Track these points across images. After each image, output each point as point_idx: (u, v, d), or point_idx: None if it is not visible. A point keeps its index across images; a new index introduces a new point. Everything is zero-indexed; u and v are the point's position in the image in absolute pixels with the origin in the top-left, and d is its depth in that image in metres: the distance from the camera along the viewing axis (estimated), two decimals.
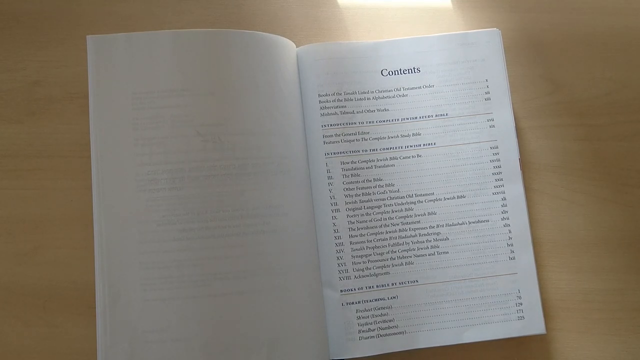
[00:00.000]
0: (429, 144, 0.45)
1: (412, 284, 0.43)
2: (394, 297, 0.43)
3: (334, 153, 0.44)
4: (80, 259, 0.43)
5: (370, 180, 0.44)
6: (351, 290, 0.43)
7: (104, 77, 0.42)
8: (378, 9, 0.49)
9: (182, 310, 0.39)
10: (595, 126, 0.47)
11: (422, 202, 0.44)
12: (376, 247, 0.43)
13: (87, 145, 0.42)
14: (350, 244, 0.43)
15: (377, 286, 0.43)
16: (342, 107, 0.45)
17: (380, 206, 0.44)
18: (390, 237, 0.43)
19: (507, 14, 0.49)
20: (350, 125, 0.45)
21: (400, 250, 0.43)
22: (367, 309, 0.42)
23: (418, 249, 0.43)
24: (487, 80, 0.46)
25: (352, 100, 0.45)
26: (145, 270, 0.40)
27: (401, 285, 0.43)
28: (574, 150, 0.47)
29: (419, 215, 0.44)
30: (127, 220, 0.40)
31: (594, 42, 0.49)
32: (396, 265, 0.43)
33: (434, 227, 0.44)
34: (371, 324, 0.42)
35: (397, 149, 0.45)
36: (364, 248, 0.43)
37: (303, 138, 0.44)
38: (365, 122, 0.45)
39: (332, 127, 0.44)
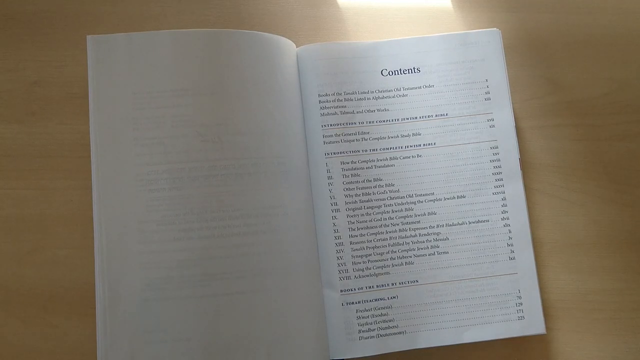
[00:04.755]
0: (429, 144, 0.45)
1: (412, 284, 0.43)
2: (394, 297, 0.43)
3: (334, 153, 0.44)
4: (80, 259, 0.43)
5: (370, 180, 0.44)
6: (351, 290, 0.43)
7: (104, 77, 0.42)
8: (378, 9, 0.49)
9: (182, 310, 0.39)
10: (595, 126, 0.47)
11: (422, 202, 0.44)
12: (376, 247, 0.43)
13: (87, 145, 0.42)
14: (350, 244, 0.43)
15: (377, 286, 0.43)
16: (342, 107, 0.45)
17: (380, 206, 0.44)
18: (390, 237, 0.43)
19: (507, 14, 0.49)
20: (350, 125, 0.45)
21: (400, 250, 0.43)
22: (367, 309, 0.42)
23: (418, 249, 0.43)
24: (487, 80, 0.46)
25: (352, 100, 0.45)
26: (145, 270, 0.40)
27: (401, 285, 0.43)
28: (574, 150, 0.47)
29: (419, 215, 0.44)
30: (127, 220, 0.40)
31: (594, 42, 0.49)
32: (396, 265, 0.43)
33: (434, 227, 0.44)
34: (371, 324, 0.42)
35: (397, 149, 0.45)
36: (364, 248, 0.43)
37: (303, 138, 0.44)
38: (365, 122, 0.45)
39: (332, 127, 0.44)
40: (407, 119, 0.45)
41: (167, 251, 0.40)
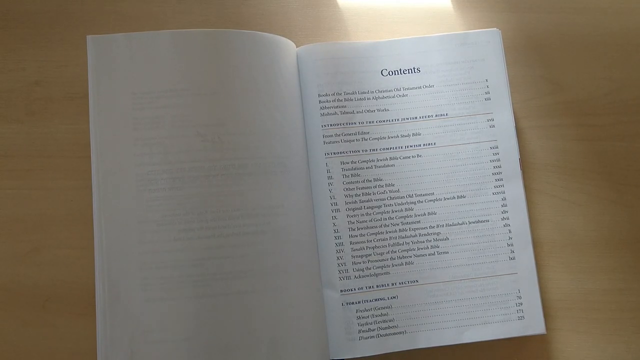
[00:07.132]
0: (429, 144, 0.45)
1: (412, 284, 0.43)
2: (394, 297, 0.43)
3: (334, 153, 0.44)
4: (80, 259, 0.43)
5: (370, 180, 0.44)
6: (351, 290, 0.43)
7: (104, 77, 0.42)
8: (378, 9, 0.49)
9: (182, 310, 0.39)
10: (595, 126, 0.47)
11: (422, 202, 0.44)
12: (376, 247, 0.43)
13: (87, 145, 0.42)
14: (350, 244, 0.43)
15: (377, 286, 0.43)
16: (342, 107, 0.45)
17: (380, 206, 0.44)
18: (390, 237, 0.43)
19: (507, 14, 0.49)
20: (350, 125, 0.45)
21: (400, 250, 0.43)
22: (367, 309, 0.42)
23: (418, 249, 0.43)
24: (487, 80, 0.46)
25: (352, 100, 0.45)
26: (145, 270, 0.40)
27: (401, 285, 0.43)
28: (574, 150, 0.47)
29: (419, 215, 0.44)
30: (127, 220, 0.40)
31: (594, 42, 0.49)
32: (396, 265, 0.43)
33: (434, 227, 0.44)
34: (371, 324, 0.42)
35: (397, 149, 0.45)
36: (364, 248, 0.43)
37: (303, 138, 0.44)
38: (365, 122, 0.45)
39: (332, 127, 0.44)
40: (407, 119, 0.45)
41: (167, 251, 0.40)
